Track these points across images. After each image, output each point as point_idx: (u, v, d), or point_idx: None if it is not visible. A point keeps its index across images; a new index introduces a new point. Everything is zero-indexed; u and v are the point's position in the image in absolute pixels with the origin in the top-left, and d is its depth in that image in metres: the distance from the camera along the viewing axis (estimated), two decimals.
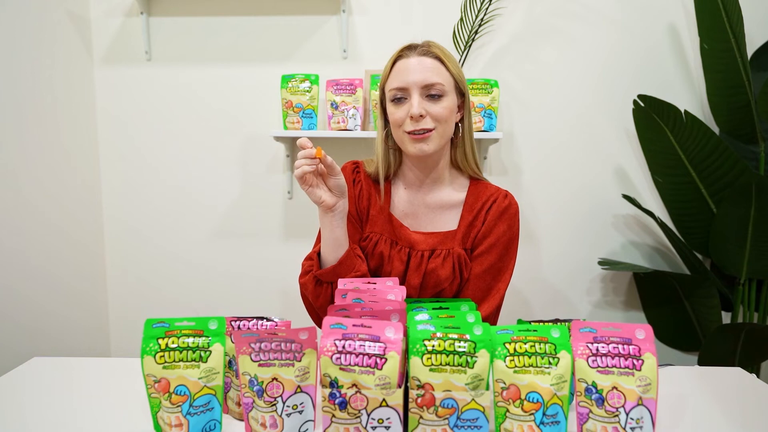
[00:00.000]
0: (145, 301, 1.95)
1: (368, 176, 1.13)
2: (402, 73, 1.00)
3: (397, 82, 1.00)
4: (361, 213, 1.11)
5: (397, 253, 1.06)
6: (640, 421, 0.67)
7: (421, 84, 0.98)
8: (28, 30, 1.57)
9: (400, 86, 1.00)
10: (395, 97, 1.01)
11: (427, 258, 1.05)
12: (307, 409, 0.71)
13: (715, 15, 1.61)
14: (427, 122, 0.99)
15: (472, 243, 1.06)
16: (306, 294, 1.05)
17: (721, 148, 1.64)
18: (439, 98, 0.99)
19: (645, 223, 1.90)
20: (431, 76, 0.99)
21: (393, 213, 1.10)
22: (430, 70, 0.99)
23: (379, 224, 1.08)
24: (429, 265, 1.04)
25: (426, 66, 0.99)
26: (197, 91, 1.87)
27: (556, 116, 1.86)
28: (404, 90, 1.00)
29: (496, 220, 1.05)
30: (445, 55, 1.02)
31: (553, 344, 0.69)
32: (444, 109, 0.99)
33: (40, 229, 1.62)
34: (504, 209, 1.06)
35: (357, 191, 1.11)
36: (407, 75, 0.99)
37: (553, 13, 1.82)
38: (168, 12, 1.84)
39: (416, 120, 0.98)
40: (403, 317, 0.74)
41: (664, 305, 1.87)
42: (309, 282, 1.02)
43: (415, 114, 0.97)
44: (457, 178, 1.11)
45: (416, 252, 1.06)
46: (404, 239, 1.07)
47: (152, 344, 0.70)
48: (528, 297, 1.93)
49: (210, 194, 1.91)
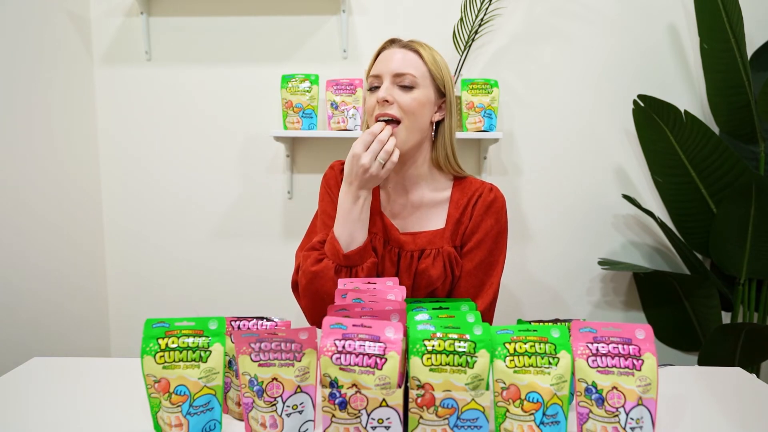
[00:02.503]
0: (145, 300, 1.95)
1: None
2: (380, 62, 1.03)
3: (374, 71, 1.03)
4: None
5: (387, 253, 1.06)
6: (640, 421, 0.68)
7: (393, 72, 1.00)
8: (28, 30, 1.57)
9: (375, 74, 1.02)
10: (372, 85, 1.03)
11: (417, 258, 1.04)
12: (307, 409, 0.71)
13: (715, 15, 1.61)
14: (394, 109, 0.99)
15: (461, 240, 1.05)
16: (322, 283, 0.96)
17: (721, 148, 1.64)
18: (410, 89, 1.00)
19: (645, 223, 1.90)
20: (404, 66, 1.00)
21: (384, 212, 1.10)
22: (405, 60, 1.01)
23: (372, 222, 1.07)
24: (420, 265, 1.04)
25: (401, 57, 1.01)
26: (197, 90, 1.87)
27: (556, 116, 1.86)
28: (378, 78, 1.02)
29: (483, 214, 1.05)
30: (426, 51, 1.03)
31: (553, 344, 0.69)
32: (413, 101, 0.99)
33: (40, 229, 1.62)
34: (490, 203, 1.06)
35: None
36: (383, 64, 1.02)
37: (553, 13, 1.82)
38: (168, 12, 1.84)
39: (382, 104, 0.99)
40: (403, 317, 0.74)
41: (664, 305, 1.87)
42: (328, 269, 0.96)
43: (380, 98, 0.98)
44: (438, 177, 1.10)
45: (405, 253, 1.05)
46: (394, 240, 1.07)
47: (152, 344, 0.70)
48: (528, 297, 1.93)
49: (210, 194, 1.91)
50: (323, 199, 1.11)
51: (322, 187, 1.13)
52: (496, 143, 1.83)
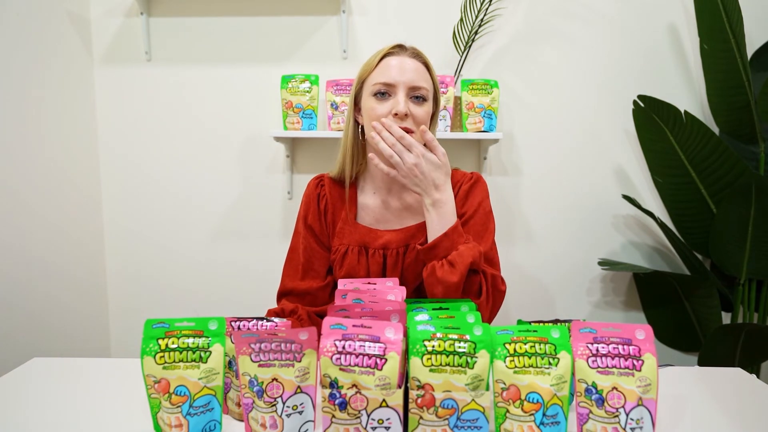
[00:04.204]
0: (145, 301, 1.95)
1: (333, 186, 1.12)
2: (390, 69, 1.00)
3: (385, 78, 1.00)
4: (328, 227, 1.11)
5: (371, 258, 1.06)
6: (640, 422, 0.67)
7: (409, 84, 0.99)
8: (28, 30, 1.57)
9: (387, 81, 0.99)
10: (379, 91, 1.00)
11: (403, 254, 1.06)
12: (307, 409, 0.71)
13: (715, 15, 1.61)
14: (410, 123, 0.99)
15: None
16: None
17: (720, 149, 1.64)
18: (422, 102, 1.01)
19: (645, 223, 1.90)
20: (419, 79, 1.00)
21: (360, 222, 1.10)
22: (419, 73, 1.01)
23: (346, 236, 1.08)
24: (405, 260, 1.05)
25: (415, 68, 1.01)
26: (197, 91, 1.87)
27: (556, 116, 1.86)
28: (391, 86, 0.99)
29: (466, 195, 1.07)
30: (430, 64, 1.05)
31: (553, 345, 0.69)
32: (426, 114, 1.02)
33: (40, 229, 1.62)
34: (472, 184, 1.08)
35: (322, 206, 1.12)
36: (397, 73, 0.99)
37: (553, 13, 1.82)
38: (168, 12, 1.84)
39: (401, 118, 0.98)
40: (403, 318, 0.74)
41: (664, 305, 1.87)
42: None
43: (401, 111, 0.97)
44: None
45: (391, 251, 1.06)
46: (376, 243, 1.06)
47: (152, 345, 0.70)
48: (528, 297, 1.93)
49: (210, 194, 1.91)
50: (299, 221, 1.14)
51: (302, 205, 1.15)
52: (496, 144, 1.83)
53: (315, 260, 1.10)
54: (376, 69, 1.02)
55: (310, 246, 1.10)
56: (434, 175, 0.96)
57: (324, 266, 1.11)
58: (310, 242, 1.11)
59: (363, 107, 1.04)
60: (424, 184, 0.96)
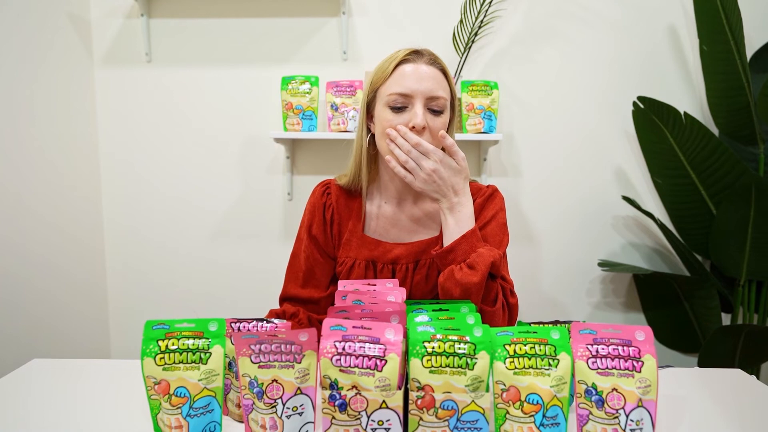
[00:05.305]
0: (145, 302, 1.95)
1: (340, 195, 1.08)
2: (407, 78, 0.94)
3: (401, 88, 0.94)
4: (334, 239, 1.07)
5: (379, 273, 1.03)
6: (640, 423, 0.67)
7: (427, 94, 0.94)
8: (28, 31, 1.57)
9: (403, 92, 0.94)
10: (396, 103, 0.94)
11: (412, 270, 1.02)
12: (307, 410, 0.71)
13: (714, 17, 1.61)
14: (427, 136, 0.94)
15: None
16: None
17: (720, 150, 1.64)
18: (440, 113, 0.96)
19: (645, 224, 1.90)
20: (437, 89, 0.94)
21: (368, 234, 1.06)
22: (437, 82, 0.95)
23: (353, 248, 1.05)
24: (415, 277, 1.02)
25: (433, 76, 0.95)
26: (197, 92, 1.88)
27: (555, 118, 1.86)
28: (408, 97, 0.94)
29: (481, 208, 1.03)
30: (447, 70, 0.99)
31: (552, 346, 0.69)
32: (443, 126, 0.96)
33: (40, 229, 1.62)
34: (487, 197, 1.04)
35: (329, 216, 1.07)
36: (414, 82, 0.94)
37: (553, 14, 1.82)
38: (168, 14, 1.85)
39: (418, 132, 0.93)
40: (403, 319, 0.74)
41: (663, 307, 1.87)
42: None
43: (419, 125, 0.92)
44: None
45: (401, 266, 1.02)
46: (385, 258, 1.03)
47: (152, 346, 0.70)
48: (528, 298, 1.93)
49: (210, 195, 1.91)
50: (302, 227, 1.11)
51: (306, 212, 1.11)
52: (496, 145, 1.83)
53: (317, 270, 1.07)
54: (390, 77, 0.96)
55: (312, 256, 1.07)
56: (453, 180, 0.92)
57: (326, 276, 1.08)
58: (313, 252, 1.07)
59: (377, 117, 0.98)
60: (443, 190, 0.92)
